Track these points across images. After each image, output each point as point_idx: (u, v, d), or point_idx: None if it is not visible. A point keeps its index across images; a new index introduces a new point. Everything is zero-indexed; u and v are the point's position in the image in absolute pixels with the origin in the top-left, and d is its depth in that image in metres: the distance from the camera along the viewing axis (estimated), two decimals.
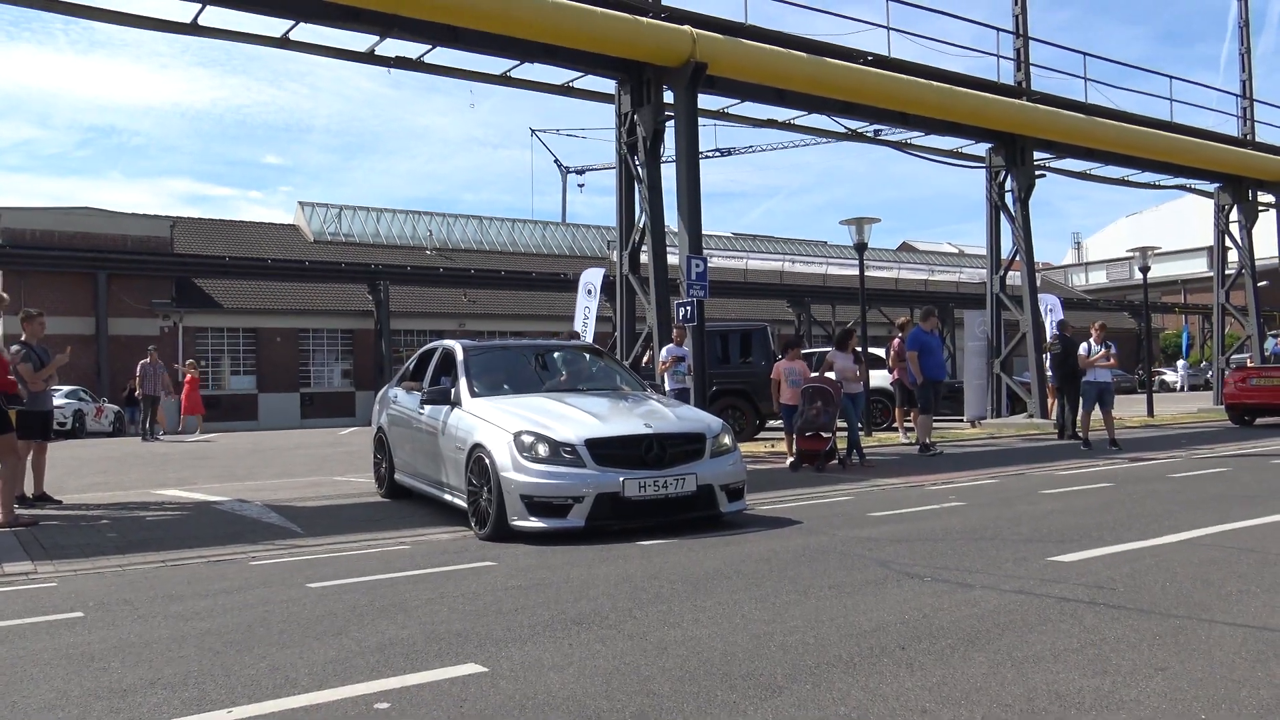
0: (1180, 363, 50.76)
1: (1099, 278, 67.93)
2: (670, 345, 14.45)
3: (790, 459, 12.87)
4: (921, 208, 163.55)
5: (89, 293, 31.59)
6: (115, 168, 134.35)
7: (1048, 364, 18.29)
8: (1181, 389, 47.05)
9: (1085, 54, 25.93)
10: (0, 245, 31.72)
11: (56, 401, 22.79)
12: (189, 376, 26.04)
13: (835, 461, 12.64)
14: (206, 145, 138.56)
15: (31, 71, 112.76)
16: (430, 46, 15.17)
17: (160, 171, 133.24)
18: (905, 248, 63.70)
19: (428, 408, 9.03)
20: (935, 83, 19.51)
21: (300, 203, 43.90)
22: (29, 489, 10.15)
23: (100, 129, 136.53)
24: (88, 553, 7.39)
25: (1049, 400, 20.92)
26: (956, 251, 63.35)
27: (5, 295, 9.52)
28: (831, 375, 13.03)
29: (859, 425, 13.63)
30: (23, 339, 10.08)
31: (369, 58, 15.24)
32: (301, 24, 14.21)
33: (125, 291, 32.30)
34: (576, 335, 18.65)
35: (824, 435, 12.54)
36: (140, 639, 4.80)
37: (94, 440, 23.91)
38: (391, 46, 15.13)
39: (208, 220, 41.86)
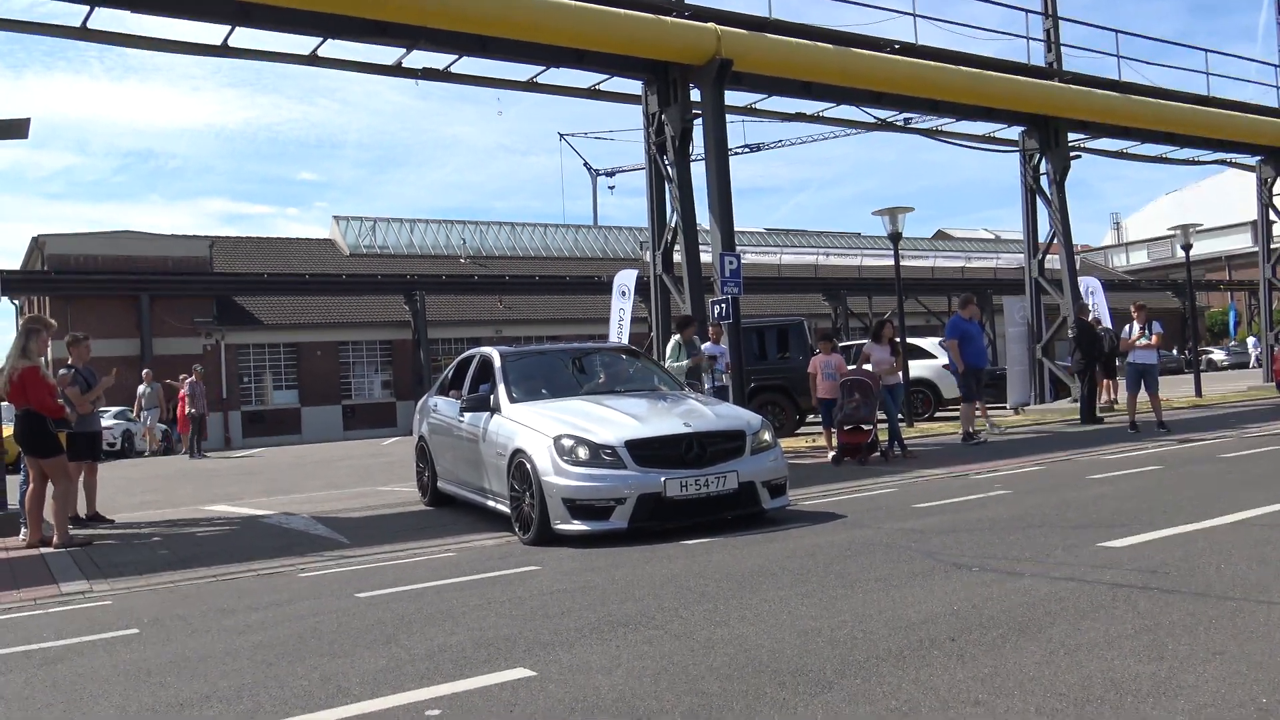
0: (1231, 341, 49.85)
1: (1140, 258, 66.88)
2: (707, 344, 14.42)
3: (831, 453, 12.80)
4: (955, 195, 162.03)
5: (133, 315, 32.12)
6: (153, 191, 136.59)
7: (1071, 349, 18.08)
8: (1231, 367, 46.18)
9: (1117, 31, 25.50)
10: (46, 272, 32.39)
11: (105, 423, 23.21)
12: (182, 393, 24.83)
13: (877, 454, 12.56)
14: (241, 165, 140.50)
15: (68, 99, 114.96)
16: (457, 56, 15.26)
17: (197, 192, 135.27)
18: (940, 236, 63.09)
19: (467, 415, 9.08)
20: (965, 68, 19.31)
21: (335, 217, 44.35)
22: (82, 509, 10.34)
23: (137, 153, 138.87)
24: (141, 570, 7.51)
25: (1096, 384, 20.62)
26: (993, 237, 62.63)
27: (53, 322, 9.70)
28: (869, 367, 12.96)
29: (899, 416, 13.53)
30: (69, 363, 10.27)
31: (397, 70, 15.36)
32: (329, 40, 14.35)
33: (168, 312, 32.80)
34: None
35: (864, 428, 12.46)
36: (195, 653, 4.88)
37: (142, 460, 24.30)
38: (419, 58, 15.25)
39: (245, 238, 42.40)
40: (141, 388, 25.15)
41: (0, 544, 9.32)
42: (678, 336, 13.37)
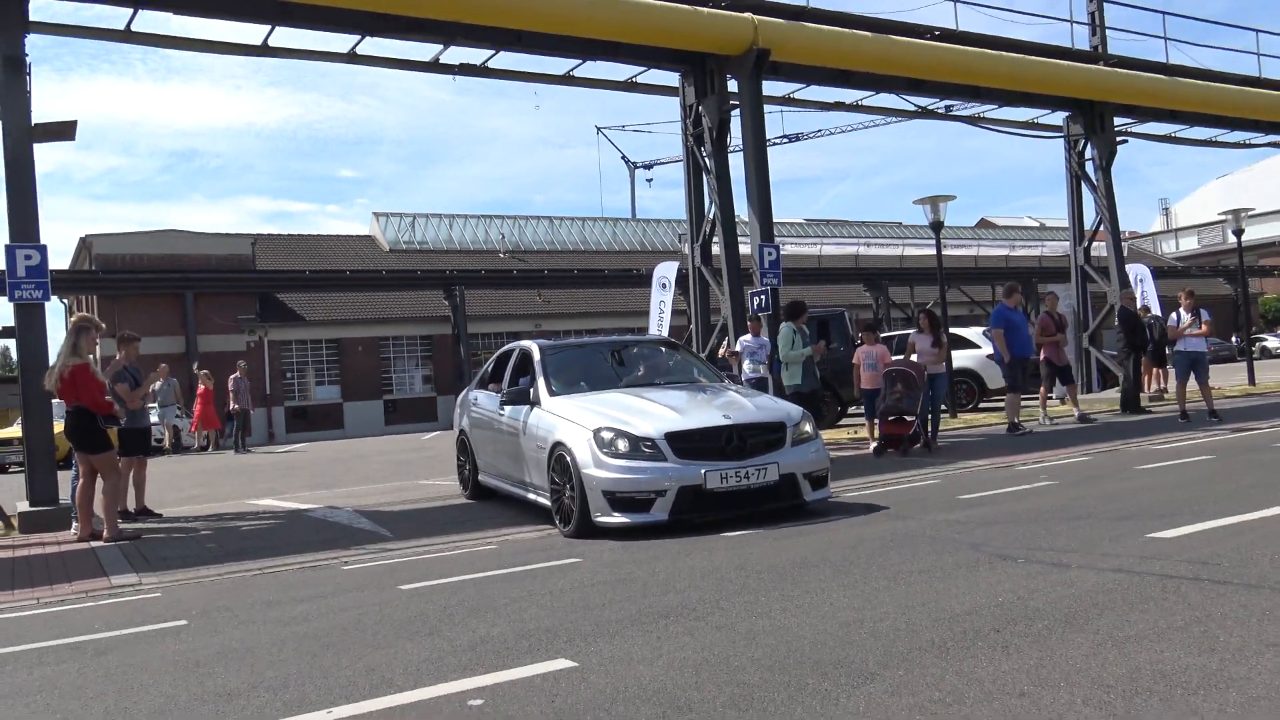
0: None
1: (1190, 243, 65.65)
2: (744, 338, 14.38)
3: (873, 444, 12.72)
4: (998, 182, 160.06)
5: (178, 312, 32.65)
6: (197, 190, 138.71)
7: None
8: None
9: (1164, 12, 25.04)
10: (94, 271, 33.02)
11: (151, 419, 23.60)
12: (202, 389, 24.66)
13: (920, 445, 12.47)
14: (282, 163, 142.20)
15: (113, 102, 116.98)
16: (494, 51, 15.33)
17: (239, 191, 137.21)
18: (983, 224, 62.39)
19: (508, 409, 9.14)
20: (1006, 53, 19.05)
21: (375, 213, 44.76)
22: (131, 504, 10.55)
23: (181, 153, 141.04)
24: (189, 563, 7.66)
25: (1144, 373, 20.31)
26: (1037, 225, 61.81)
27: (103, 324, 9.90)
28: (915, 358, 12.87)
29: (940, 408, 13.42)
30: (118, 358, 10.46)
31: (434, 66, 15.46)
32: (367, 38, 14.48)
33: (212, 309, 33.31)
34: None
35: (907, 419, 12.38)
36: (241, 644, 4.96)
37: (189, 455, 24.71)
38: (455, 54, 15.33)
39: (286, 236, 42.91)
40: (157, 383, 24.85)
41: (52, 538, 9.54)
42: (789, 324, 12.95)
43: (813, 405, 12.05)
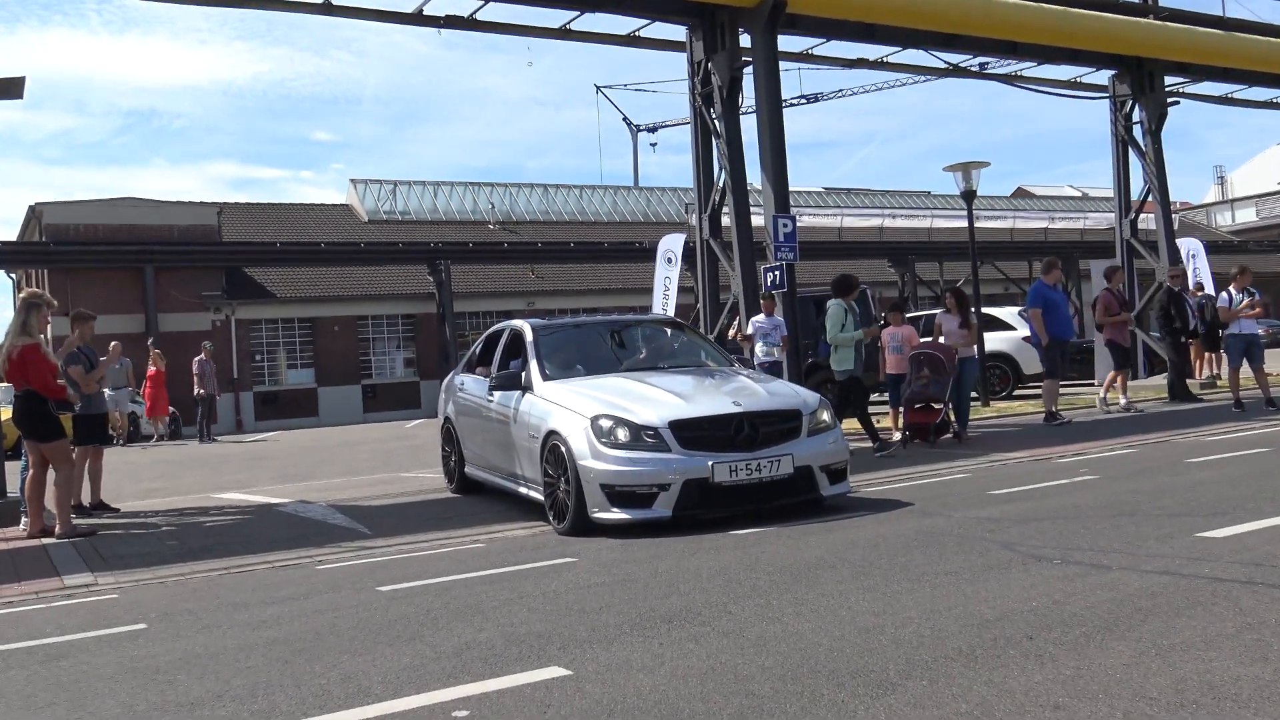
0: None
1: (1247, 215, 65.44)
2: (756, 318, 14.37)
3: (896, 434, 12.75)
4: (1037, 147, 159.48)
5: (136, 288, 32.66)
6: (157, 154, 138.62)
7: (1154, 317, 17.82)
8: None
9: None
10: (44, 243, 33.01)
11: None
12: (153, 370, 23.64)
13: (949, 435, 12.48)
14: (251, 124, 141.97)
15: (65, 55, 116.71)
16: (482, 1, 15.27)
17: (204, 155, 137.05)
18: (1020, 193, 62.23)
19: (497, 394, 9.16)
20: (1047, 5, 18.96)
21: (353, 180, 44.69)
22: (85, 497, 10.58)
23: (139, 113, 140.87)
24: (148, 562, 7.69)
25: (1194, 358, 20.30)
26: (1079, 195, 61.63)
27: (54, 301, 9.89)
28: (940, 340, 12.87)
29: (970, 395, 13.42)
30: (71, 337, 10.47)
31: (418, 18, 15.41)
32: None
33: (174, 285, 33.32)
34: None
35: (935, 406, 12.39)
36: (206, 650, 4.99)
37: (146, 446, 24.77)
38: (441, 4, 15.29)
39: (256, 205, 42.89)
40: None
41: (0, 534, 9.57)
42: (839, 302, 12.22)
43: (861, 393, 11.94)
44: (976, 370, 14.20)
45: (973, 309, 14.24)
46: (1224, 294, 14.74)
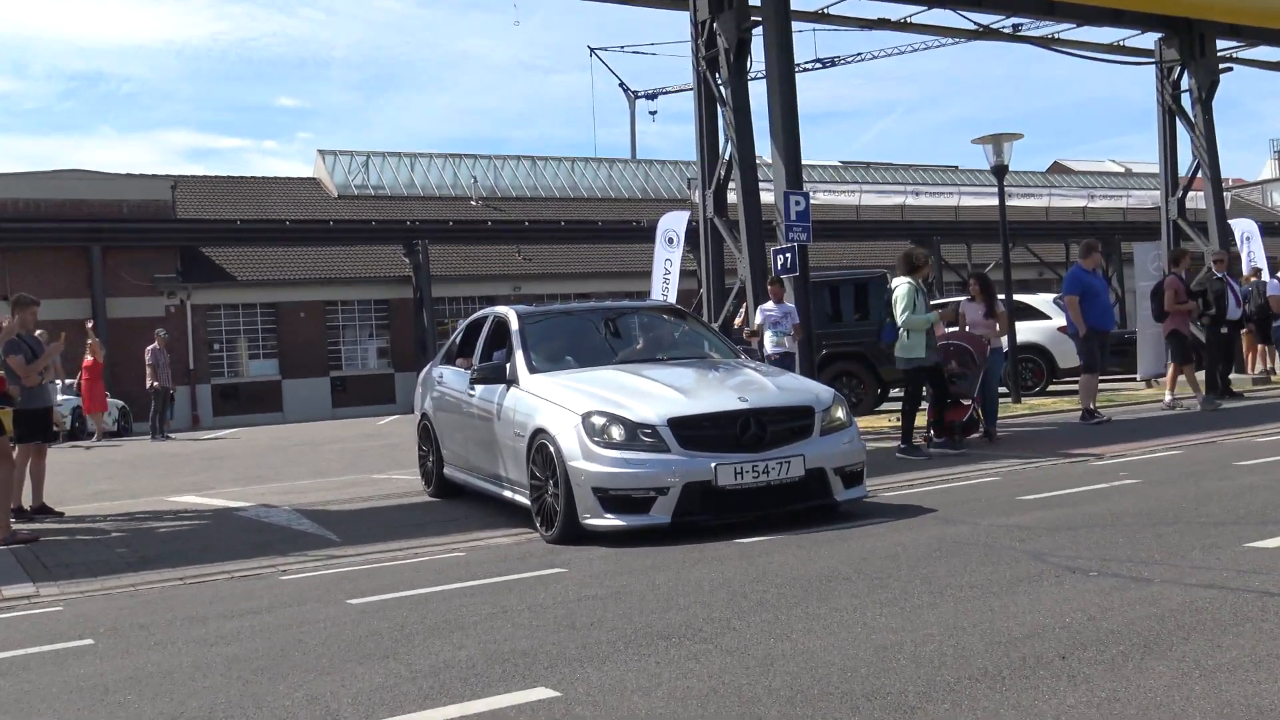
0: None
1: None
2: (765, 305, 14.38)
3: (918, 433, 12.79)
4: (1075, 118, 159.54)
5: (82, 270, 32.62)
6: (105, 121, 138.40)
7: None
8: None
9: None
10: None
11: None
12: (89, 360, 22.67)
13: (977, 434, 12.51)
14: (209, 89, 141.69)
15: (3, 12, 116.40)
16: None
17: (157, 123, 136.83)
18: (1057, 169, 62.25)
19: (479, 388, 9.17)
20: None
21: (321, 151, 44.65)
22: (27, 500, 10.58)
23: (85, 76, 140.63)
24: (96, 571, 7.70)
25: (1246, 350, 20.34)
26: (1121, 170, 61.63)
27: None
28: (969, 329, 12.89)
29: (998, 390, 13.44)
30: (8, 324, 10.44)
31: None
32: None
33: (124, 266, 33.29)
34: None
35: (963, 402, 12.41)
36: (158, 668, 5.00)
37: (91, 443, 24.76)
38: None
39: (214, 178, 42.83)
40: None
41: None
42: (909, 280, 11.62)
43: (942, 384, 11.87)
44: (1003, 363, 14.23)
45: (1000, 296, 14.23)
46: (1274, 280, 14.76)
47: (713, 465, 7.38)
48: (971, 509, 8.04)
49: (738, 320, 16.61)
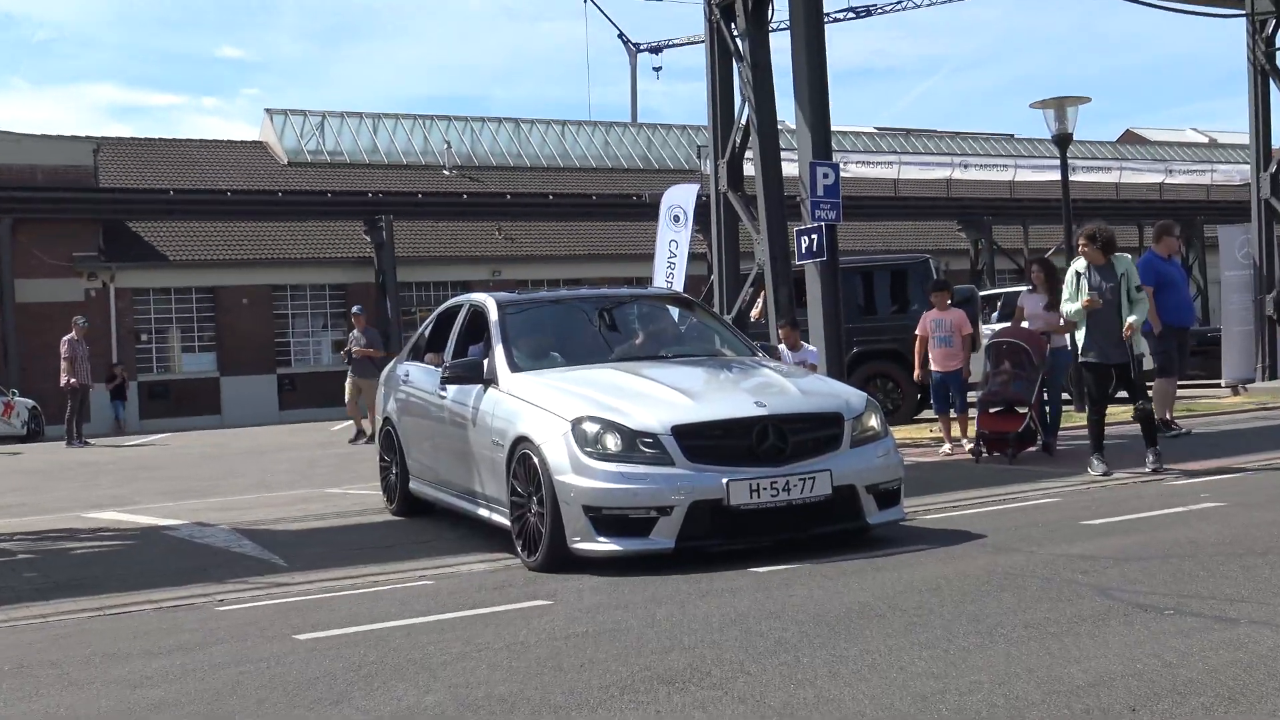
0: None
1: None
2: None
3: (945, 445, 12.86)
4: (1152, 80, 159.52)
5: None
6: (15, 73, 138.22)
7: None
8: None
9: None
10: None
11: None
12: None
13: (1035, 447, 12.52)
14: (139, 37, 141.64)
15: None
16: None
17: (77, 76, 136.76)
18: (1130, 138, 62.29)
19: (451, 389, 9.16)
20: None
21: (269, 111, 44.64)
22: None
23: None
24: (0, 599, 7.67)
25: None
26: (1205, 141, 61.68)
27: None
28: (1024, 325, 12.91)
29: (1062, 395, 13.45)
30: None
31: None
32: None
33: (36, 243, 33.27)
34: None
35: (1019, 410, 12.42)
36: (72, 713, 4.98)
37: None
38: None
39: (143, 140, 42.84)
40: None
41: None
42: (1082, 262, 11.21)
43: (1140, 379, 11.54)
44: (1068, 365, 14.19)
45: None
46: None
47: (724, 481, 7.36)
48: (1027, 535, 8.03)
49: (754, 311, 16.60)
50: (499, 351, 8.85)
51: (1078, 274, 11.14)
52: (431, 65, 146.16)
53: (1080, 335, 11.16)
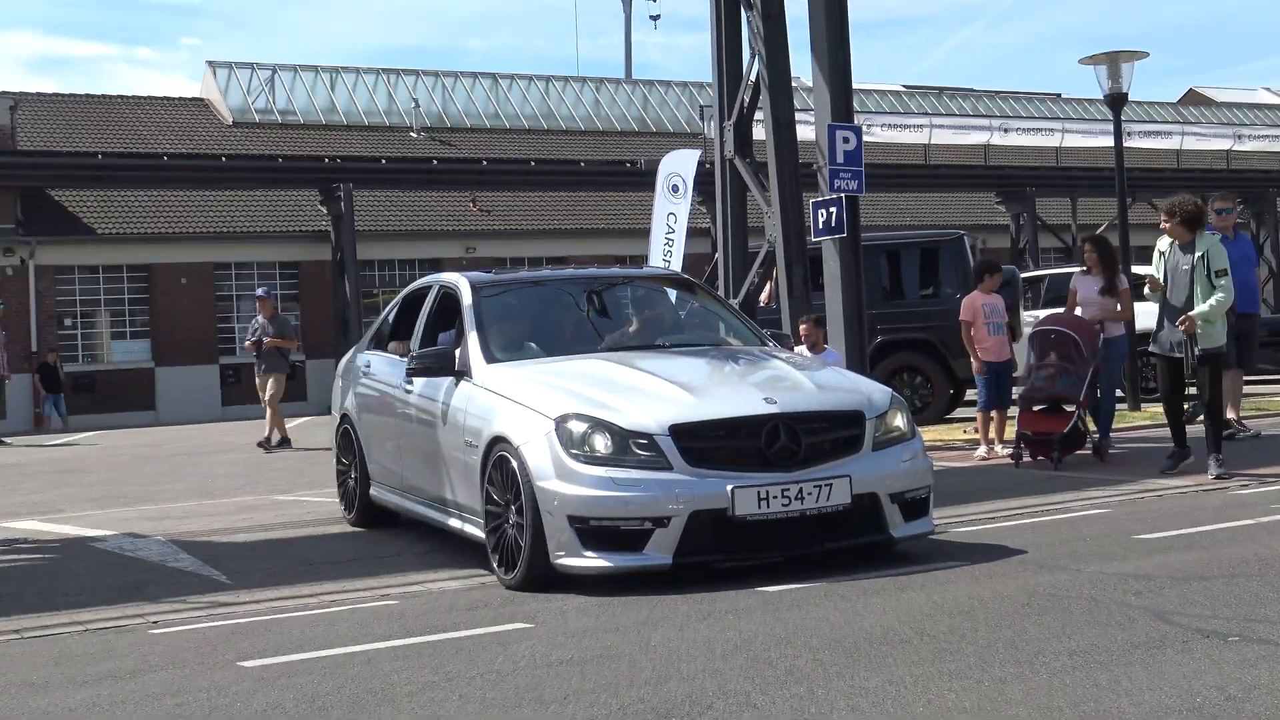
0: None
1: None
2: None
3: (982, 448, 12.88)
4: (1217, 34, 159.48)
5: None
6: None
7: None
8: None
9: None
10: None
11: None
12: None
13: (1084, 449, 12.55)
14: None
15: None
16: None
17: None
18: (1193, 99, 62.31)
19: (418, 382, 9.16)
20: None
21: (211, 64, 44.54)
22: None
23: None
24: None
25: None
26: (1279, 102, 61.70)
27: None
28: (1077, 311, 12.93)
29: (1114, 392, 13.47)
30: None
31: None
32: None
33: None
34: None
35: (1066, 409, 12.44)
36: None
37: None
38: None
39: (68, 97, 42.71)
40: None
41: None
42: (1165, 240, 11.34)
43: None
44: (1125, 357, 14.22)
45: (1121, 267, 14.21)
46: None
47: (729, 488, 7.36)
48: (1073, 551, 8.04)
49: (764, 295, 16.60)
50: (473, 339, 8.85)
51: (1160, 254, 11.28)
52: (397, 11, 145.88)
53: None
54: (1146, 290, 11.48)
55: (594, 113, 47.64)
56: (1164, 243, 11.28)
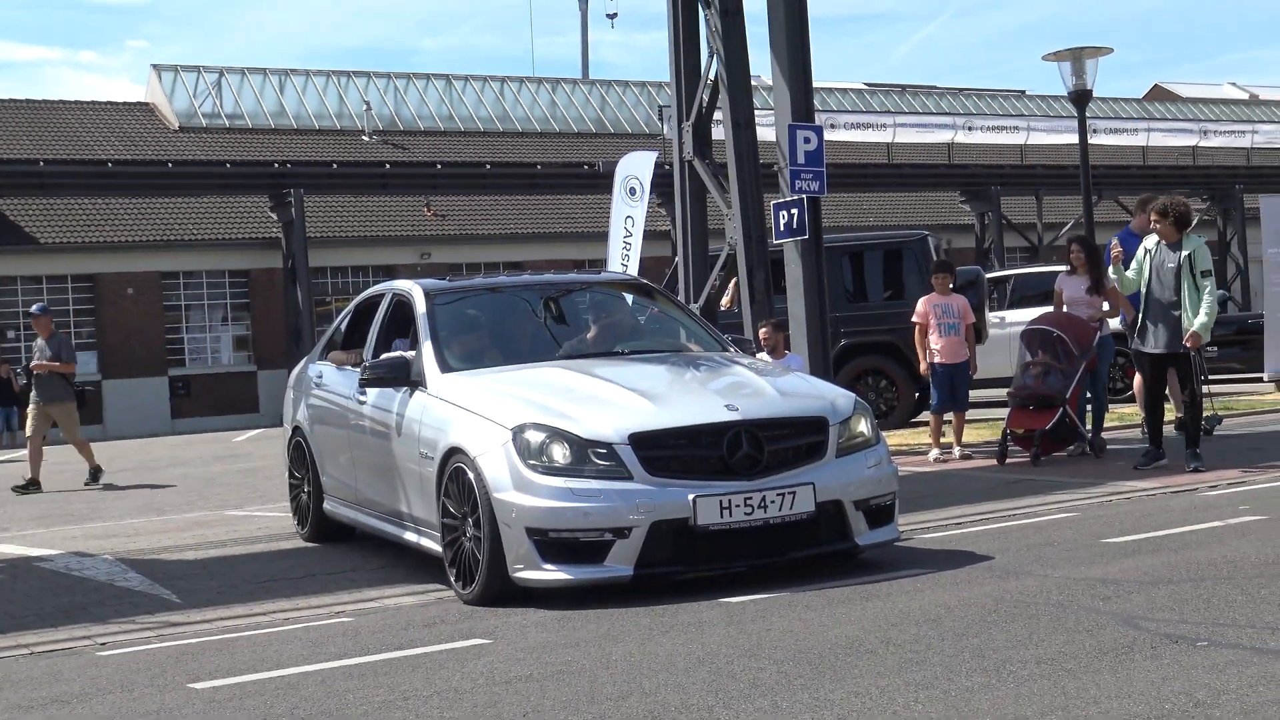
0: None
1: None
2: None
3: (934, 451, 13.00)
4: (1183, 28, 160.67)
5: None
6: None
7: None
8: None
9: None
10: None
11: None
12: None
13: (1075, 447, 12.69)
14: None
15: None
16: None
17: None
18: (1159, 95, 62.73)
19: (372, 393, 9.15)
20: None
21: (156, 67, 44.32)
22: None
23: None
24: None
25: None
26: (1245, 97, 62.22)
27: None
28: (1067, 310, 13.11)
29: (1104, 388, 13.67)
30: None
31: None
32: None
33: None
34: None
35: (1051, 407, 12.55)
36: None
37: None
38: None
39: (9, 102, 42.40)
40: None
41: None
42: (1153, 239, 11.62)
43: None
44: (1112, 354, 14.36)
45: (1104, 264, 14.31)
46: None
47: (690, 498, 7.37)
48: (1040, 556, 8.09)
49: (725, 299, 16.62)
50: (428, 349, 8.83)
51: (1146, 251, 11.56)
52: (348, 11, 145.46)
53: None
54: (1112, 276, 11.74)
55: (550, 114, 47.62)
56: (1150, 241, 11.53)
